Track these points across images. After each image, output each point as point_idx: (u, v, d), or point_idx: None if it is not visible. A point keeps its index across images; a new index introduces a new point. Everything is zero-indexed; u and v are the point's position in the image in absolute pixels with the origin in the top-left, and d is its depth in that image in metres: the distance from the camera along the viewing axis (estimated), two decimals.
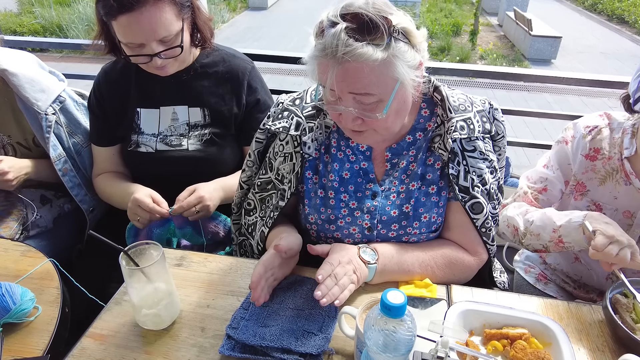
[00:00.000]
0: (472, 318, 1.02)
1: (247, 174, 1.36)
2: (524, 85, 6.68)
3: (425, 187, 1.18)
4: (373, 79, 0.96)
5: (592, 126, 1.31)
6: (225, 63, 1.57)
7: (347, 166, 1.21)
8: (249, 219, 1.36)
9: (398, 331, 0.73)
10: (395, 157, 1.19)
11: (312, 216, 1.24)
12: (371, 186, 1.20)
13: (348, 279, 1.05)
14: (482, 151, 1.16)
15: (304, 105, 1.23)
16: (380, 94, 0.99)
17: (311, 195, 1.24)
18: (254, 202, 1.33)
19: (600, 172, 1.29)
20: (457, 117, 1.14)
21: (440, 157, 1.16)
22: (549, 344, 0.97)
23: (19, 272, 1.18)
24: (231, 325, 1.01)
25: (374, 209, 1.19)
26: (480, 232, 1.18)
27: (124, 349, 0.98)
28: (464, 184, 1.15)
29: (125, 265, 0.96)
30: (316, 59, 0.98)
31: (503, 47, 10.01)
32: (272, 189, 1.28)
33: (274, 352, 0.95)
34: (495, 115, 1.20)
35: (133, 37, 1.34)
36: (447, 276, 1.18)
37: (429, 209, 1.19)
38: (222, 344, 0.98)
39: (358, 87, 0.97)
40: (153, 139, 1.55)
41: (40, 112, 1.53)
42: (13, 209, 1.61)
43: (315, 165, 1.23)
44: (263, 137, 1.29)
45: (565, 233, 1.20)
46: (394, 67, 0.96)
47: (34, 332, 1.03)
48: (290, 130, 1.21)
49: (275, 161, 1.26)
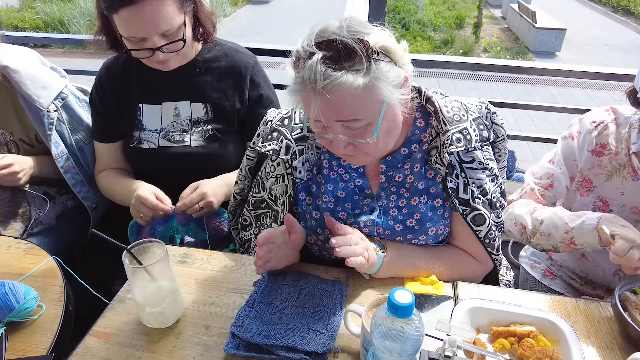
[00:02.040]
0: (479, 315, 1.01)
1: (239, 186, 1.35)
2: (527, 78, 6.64)
3: (431, 201, 1.15)
4: (357, 105, 0.93)
5: (598, 121, 1.29)
6: (227, 58, 1.55)
7: (341, 185, 1.18)
8: (245, 234, 1.35)
9: (406, 331, 0.72)
10: (390, 169, 1.16)
11: (310, 237, 1.22)
12: (368, 202, 1.18)
13: (361, 248, 1.05)
14: (481, 161, 1.13)
15: (293, 126, 1.20)
16: (368, 117, 0.95)
17: (306, 217, 1.22)
18: (250, 218, 1.33)
19: (607, 168, 1.27)
20: (452, 129, 1.09)
21: (439, 170, 1.13)
22: (557, 341, 0.96)
23: (22, 270, 1.18)
24: (236, 324, 1.00)
25: (371, 224, 1.16)
26: (484, 243, 1.16)
27: (128, 347, 0.98)
28: (464, 197, 1.12)
29: (129, 263, 0.95)
30: (297, 92, 0.95)
31: (507, 39, 9.93)
32: (267, 208, 1.28)
33: (279, 350, 0.94)
34: (494, 120, 1.16)
35: (135, 31, 1.32)
36: (453, 277, 1.16)
37: (436, 222, 1.16)
38: (227, 342, 0.97)
39: (344, 114, 0.94)
40: (155, 135, 1.54)
41: (42, 109, 1.52)
42: (18, 210, 1.60)
43: (308, 187, 1.21)
44: (254, 155, 1.28)
45: (578, 235, 1.18)
46: (378, 90, 0.93)
47: (38, 330, 1.02)
48: (280, 154, 1.18)
49: (268, 181, 1.24)
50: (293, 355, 0.94)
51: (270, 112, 1.27)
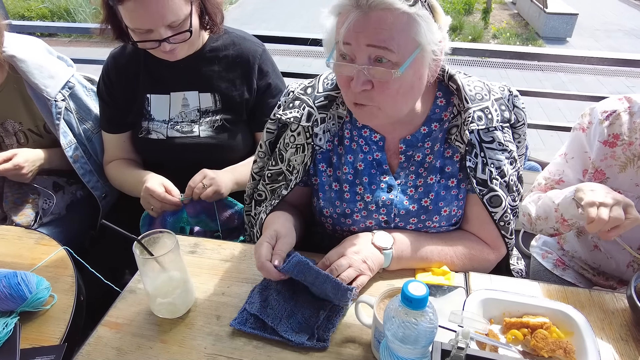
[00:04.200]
0: (491, 306, 1.00)
1: (258, 164, 1.33)
2: (537, 65, 6.53)
3: (445, 180, 1.15)
4: (394, 33, 0.92)
5: (609, 111, 1.26)
6: (235, 46, 1.53)
7: (360, 157, 1.17)
8: (259, 209, 1.34)
9: (419, 323, 0.71)
10: (409, 149, 1.15)
11: (327, 210, 1.21)
12: (386, 178, 1.17)
13: (353, 271, 1.04)
14: (501, 142, 1.12)
15: (316, 94, 1.19)
16: (399, 53, 0.94)
17: (325, 188, 1.21)
18: (265, 193, 1.31)
19: (621, 159, 1.24)
20: (474, 107, 1.09)
21: (458, 149, 1.12)
22: (570, 333, 0.95)
23: (34, 261, 1.19)
24: (250, 300, 1.03)
25: (390, 203, 1.15)
26: (499, 225, 1.15)
27: (140, 337, 0.98)
28: (482, 177, 1.11)
29: (139, 254, 0.95)
30: (338, 8, 0.96)
31: (516, 25, 9.76)
32: (283, 180, 1.25)
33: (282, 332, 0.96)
34: (515, 103, 1.15)
35: (141, 23, 1.30)
36: (465, 267, 1.15)
37: (449, 203, 1.16)
38: (235, 317, 0.99)
39: (379, 38, 0.92)
40: (164, 126, 1.53)
41: (49, 98, 1.52)
42: (28, 197, 1.61)
43: (329, 158, 1.20)
44: (274, 127, 1.26)
45: (564, 210, 1.18)
46: (417, 27, 0.93)
47: (51, 320, 1.03)
48: (301, 121, 1.17)
49: (287, 152, 1.23)
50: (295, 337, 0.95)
51: (292, 84, 1.26)
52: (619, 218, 1.01)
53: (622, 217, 1.01)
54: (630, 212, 1.03)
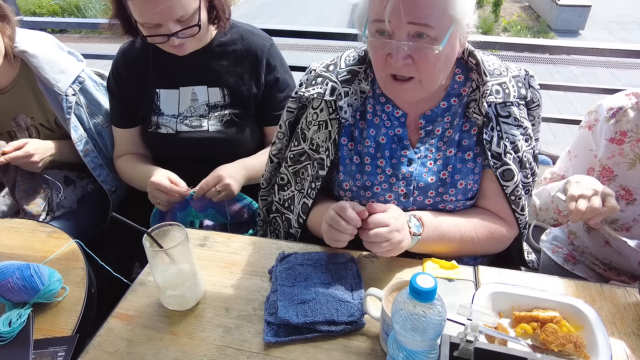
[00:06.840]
0: (500, 300, 1.00)
1: (277, 146, 1.33)
2: (549, 58, 6.44)
3: (462, 154, 1.17)
4: (434, 10, 0.96)
5: (616, 108, 1.23)
6: (243, 41, 1.53)
7: (383, 131, 1.19)
8: (283, 194, 1.33)
9: (428, 315, 0.71)
10: (429, 124, 1.18)
11: (347, 183, 1.22)
12: (406, 153, 1.18)
13: (386, 231, 1.02)
14: (517, 117, 1.15)
15: (339, 70, 1.21)
16: (437, 29, 0.97)
17: (346, 162, 1.22)
18: (288, 176, 1.31)
19: (629, 156, 1.22)
20: (492, 81, 1.13)
21: (476, 122, 1.15)
22: (581, 327, 0.94)
23: (46, 253, 1.20)
24: (268, 311, 1.00)
25: (410, 175, 1.17)
26: (510, 200, 1.17)
27: (150, 329, 0.99)
28: (497, 150, 1.13)
29: (149, 247, 0.96)
30: None
31: (528, 18, 9.63)
32: (306, 160, 1.25)
33: (320, 325, 0.95)
34: (531, 83, 1.18)
35: (150, 17, 1.31)
36: (486, 247, 1.17)
37: (466, 176, 1.17)
38: (265, 332, 0.96)
39: (419, 16, 0.95)
40: (173, 120, 1.54)
41: (60, 93, 1.53)
42: (39, 187, 1.63)
43: (351, 132, 1.22)
44: (295, 106, 1.27)
45: (559, 202, 1.19)
46: (454, 2, 0.97)
47: (63, 312, 1.05)
48: (325, 96, 1.18)
49: (309, 131, 1.23)
50: (335, 328, 0.95)
51: (313, 63, 1.27)
52: (596, 208, 1.04)
53: (598, 206, 1.05)
54: (609, 200, 1.06)
